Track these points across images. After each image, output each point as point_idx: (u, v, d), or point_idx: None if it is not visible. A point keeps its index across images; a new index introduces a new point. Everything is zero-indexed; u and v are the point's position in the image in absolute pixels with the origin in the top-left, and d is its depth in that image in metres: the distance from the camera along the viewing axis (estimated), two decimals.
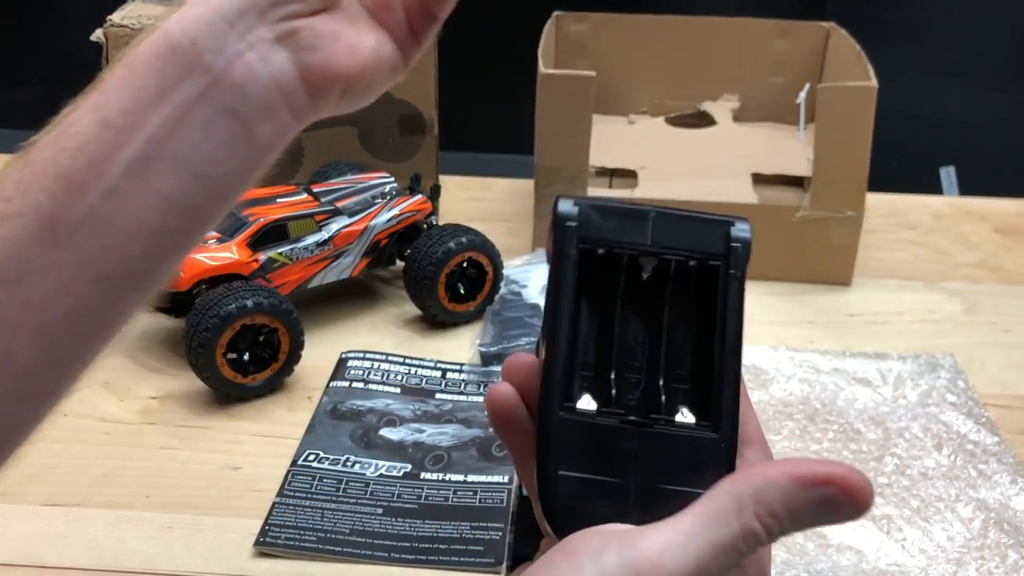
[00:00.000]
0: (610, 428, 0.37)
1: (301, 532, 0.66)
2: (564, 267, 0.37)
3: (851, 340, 0.90)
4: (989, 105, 2.10)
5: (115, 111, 0.38)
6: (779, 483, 0.34)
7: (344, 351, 0.84)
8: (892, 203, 1.16)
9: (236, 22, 0.39)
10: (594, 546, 0.34)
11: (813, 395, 0.81)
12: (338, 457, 0.73)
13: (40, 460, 0.72)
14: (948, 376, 0.84)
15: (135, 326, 0.88)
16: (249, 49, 0.40)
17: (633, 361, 0.39)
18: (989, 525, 0.68)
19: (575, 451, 0.37)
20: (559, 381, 0.37)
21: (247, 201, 0.85)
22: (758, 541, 0.34)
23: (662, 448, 0.37)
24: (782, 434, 0.77)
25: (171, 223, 0.39)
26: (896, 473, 0.73)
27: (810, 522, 0.34)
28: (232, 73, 0.39)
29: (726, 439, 0.37)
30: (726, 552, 0.34)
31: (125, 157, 0.38)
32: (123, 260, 0.39)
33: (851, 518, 0.34)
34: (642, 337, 0.39)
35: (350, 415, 0.77)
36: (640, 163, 1.05)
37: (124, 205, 0.38)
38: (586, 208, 0.38)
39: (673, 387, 0.38)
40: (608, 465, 0.36)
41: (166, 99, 0.38)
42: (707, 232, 0.39)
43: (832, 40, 1.12)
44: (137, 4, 1.01)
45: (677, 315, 0.39)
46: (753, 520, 0.34)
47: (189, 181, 0.39)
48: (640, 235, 0.38)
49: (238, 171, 0.41)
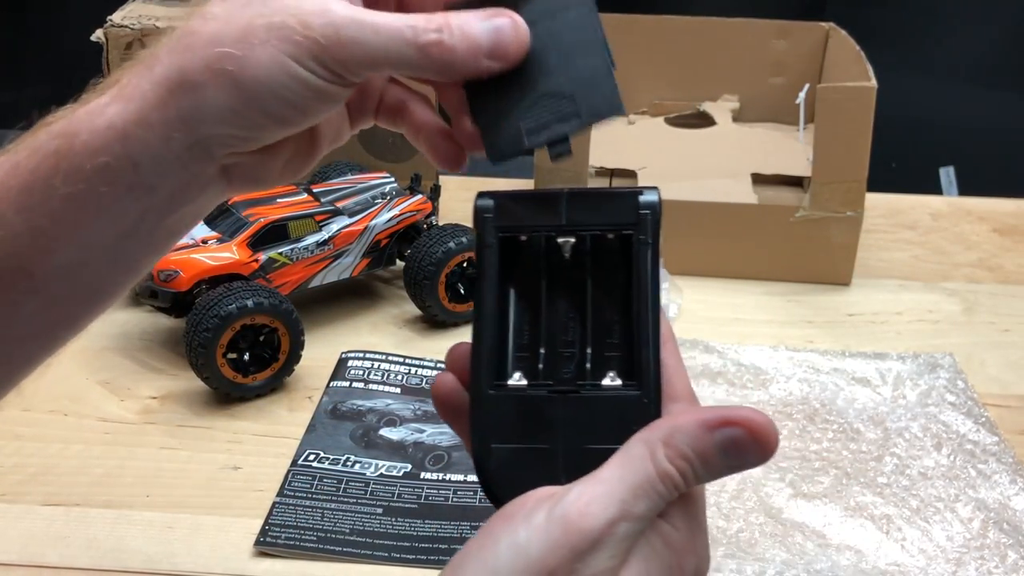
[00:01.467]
0: (538, 399, 0.39)
1: (301, 532, 0.66)
2: (485, 255, 0.40)
3: (850, 340, 0.90)
4: (989, 105, 2.10)
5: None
6: (686, 428, 0.36)
7: (344, 351, 0.84)
8: (892, 203, 1.16)
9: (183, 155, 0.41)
10: (527, 508, 0.36)
11: (812, 395, 0.82)
12: (338, 457, 0.73)
13: (40, 460, 0.72)
14: (947, 376, 0.84)
15: (135, 326, 0.88)
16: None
17: (566, 336, 0.41)
18: (988, 525, 0.68)
19: (507, 425, 0.39)
20: (487, 361, 0.39)
21: (247, 201, 0.85)
22: (675, 484, 0.36)
23: (589, 412, 0.39)
24: (782, 434, 0.77)
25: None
26: (895, 473, 0.73)
27: (721, 465, 0.36)
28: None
29: (649, 396, 0.38)
30: (646, 492, 0.35)
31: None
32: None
33: (759, 461, 0.36)
34: (573, 313, 0.41)
35: (350, 415, 0.78)
36: (640, 163, 1.05)
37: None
38: (502, 199, 0.40)
39: (605, 356, 0.40)
40: (537, 434, 0.39)
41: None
42: (618, 204, 0.40)
43: (832, 40, 1.13)
44: (137, 4, 1.01)
45: (603, 288, 0.41)
46: (665, 462, 0.36)
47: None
48: (555, 217, 0.40)
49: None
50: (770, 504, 0.70)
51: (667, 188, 0.99)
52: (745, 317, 0.93)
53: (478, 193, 0.40)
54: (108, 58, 0.97)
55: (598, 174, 1.04)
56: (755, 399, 0.81)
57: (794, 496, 0.71)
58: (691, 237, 0.98)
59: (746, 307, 0.95)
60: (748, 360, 0.86)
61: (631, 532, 0.35)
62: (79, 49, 0.91)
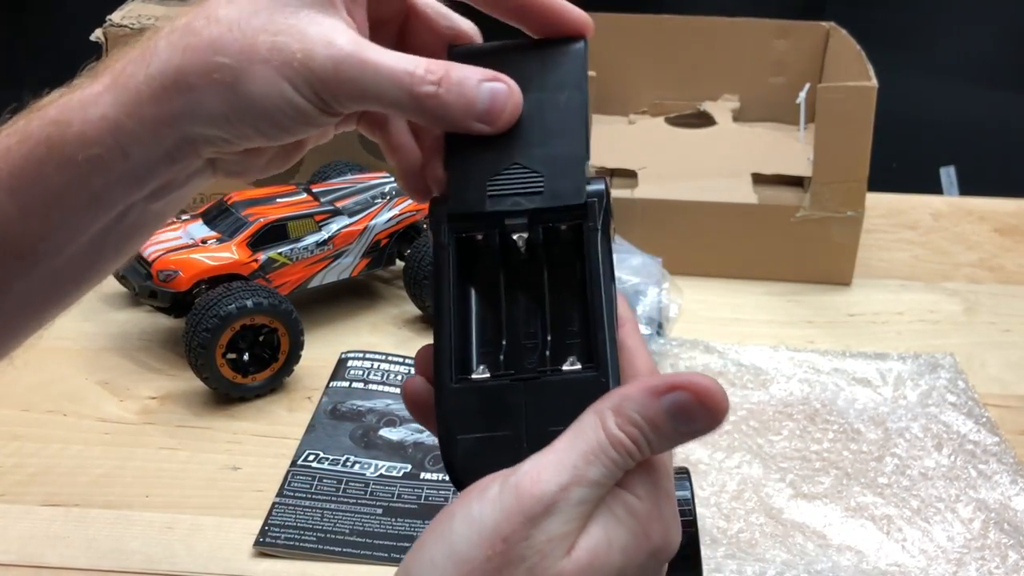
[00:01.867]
0: (500, 388, 0.40)
1: (301, 532, 0.66)
2: (440, 256, 0.41)
3: (851, 340, 0.90)
4: (989, 105, 2.10)
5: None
6: (634, 395, 0.37)
7: (344, 351, 0.84)
8: (892, 203, 1.16)
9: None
10: (483, 485, 0.36)
11: (813, 395, 0.81)
12: (338, 457, 0.73)
13: (40, 460, 0.72)
14: (948, 376, 0.84)
15: (135, 326, 0.88)
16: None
17: (529, 329, 0.41)
18: (989, 525, 0.68)
19: (470, 416, 0.40)
20: (448, 356, 0.40)
21: (247, 201, 0.85)
22: (629, 451, 0.36)
23: (549, 396, 0.39)
24: (782, 434, 0.77)
25: None
26: (896, 473, 0.73)
27: (672, 430, 0.36)
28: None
29: (606, 374, 0.39)
30: (598, 458, 0.36)
31: None
32: None
33: (710, 426, 0.36)
34: (532, 305, 0.42)
35: (350, 415, 0.77)
36: (640, 163, 1.05)
37: None
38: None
39: (567, 344, 0.41)
40: (501, 421, 0.39)
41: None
42: None
43: (832, 40, 1.12)
44: (137, 4, 1.01)
45: (560, 279, 0.41)
46: (615, 428, 0.36)
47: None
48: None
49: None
50: (771, 504, 0.70)
51: (667, 188, 1.00)
52: (745, 317, 0.93)
53: (432, 199, 0.42)
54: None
55: (598, 173, 1.04)
56: (755, 399, 0.81)
57: (795, 496, 0.71)
58: (691, 237, 0.98)
59: (746, 307, 0.95)
60: (748, 360, 0.86)
61: (586, 497, 0.35)
62: (79, 49, 0.91)
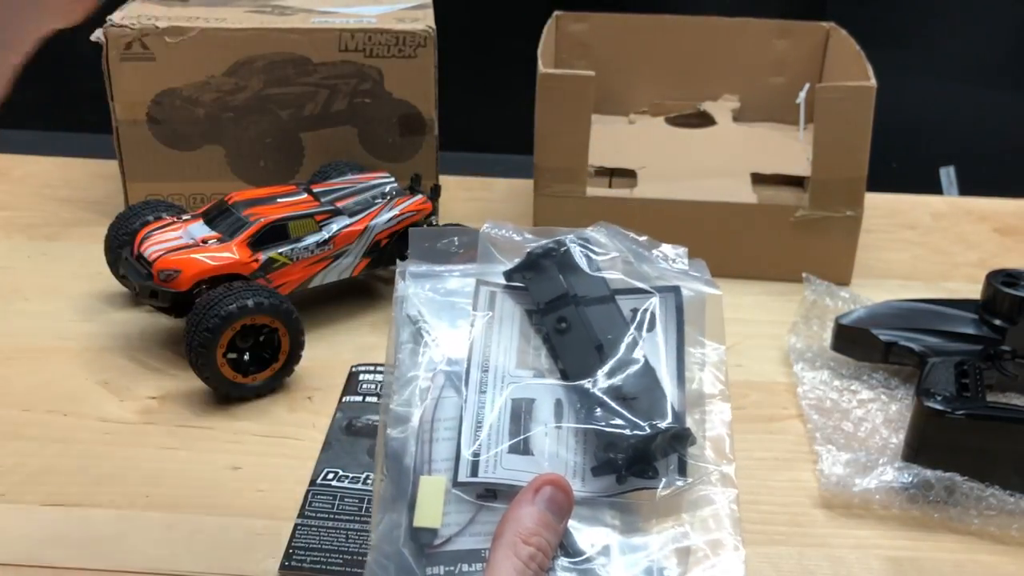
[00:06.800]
0: None
1: (327, 555, 0.64)
2: None
3: None
4: (989, 105, 2.09)
5: None
6: (516, 515, 0.45)
7: (354, 365, 0.83)
8: (892, 203, 1.16)
9: None
10: None
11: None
12: (358, 475, 0.70)
13: (40, 460, 0.72)
14: None
15: (135, 326, 0.88)
16: None
17: None
18: None
19: None
20: None
21: (247, 201, 0.85)
22: (539, 562, 0.44)
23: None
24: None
25: None
26: None
27: (554, 521, 0.46)
28: None
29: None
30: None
31: None
32: None
33: (569, 504, 0.47)
34: None
35: (366, 430, 0.75)
36: (640, 163, 1.05)
37: None
38: None
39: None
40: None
41: None
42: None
43: (832, 40, 1.13)
44: (137, 4, 1.01)
45: None
46: (522, 546, 0.44)
47: None
48: None
49: None
50: None
51: (667, 188, 1.00)
52: (745, 317, 0.93)
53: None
54: (108, 58, 0.97)
55: (598, 174, 1.04)
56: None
57: None
58: (691, 237, 0.97)
59: (746, 307, 0.95)
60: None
61: None
62: (79, 49, 0.91)
